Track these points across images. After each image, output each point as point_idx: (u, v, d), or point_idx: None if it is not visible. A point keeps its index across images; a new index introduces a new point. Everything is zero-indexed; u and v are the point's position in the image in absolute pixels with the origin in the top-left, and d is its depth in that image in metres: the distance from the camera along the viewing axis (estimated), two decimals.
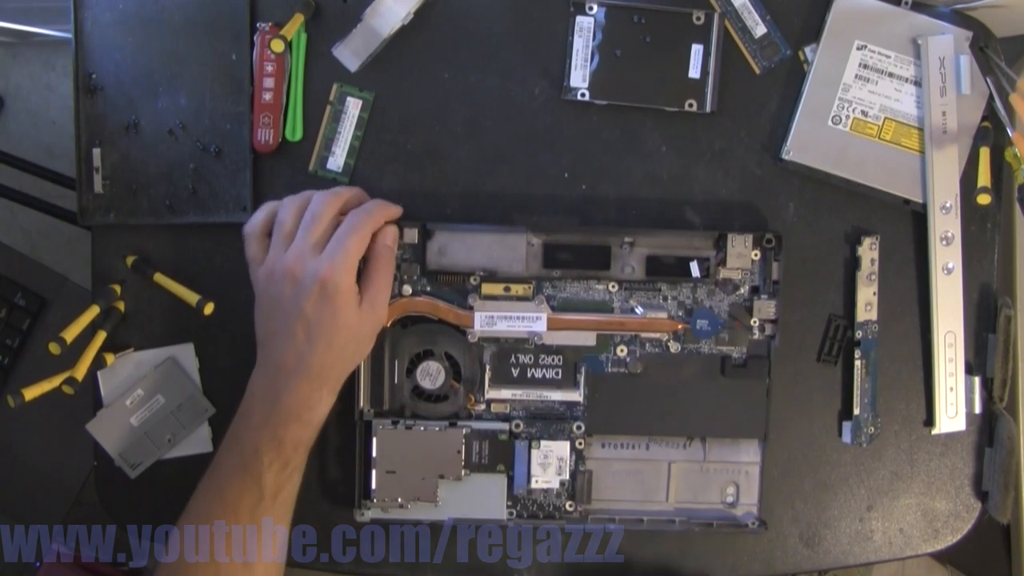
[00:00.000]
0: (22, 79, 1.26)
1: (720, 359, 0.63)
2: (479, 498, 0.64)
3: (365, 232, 0.58)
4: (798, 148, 0.64)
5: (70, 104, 0.64)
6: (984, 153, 0.63)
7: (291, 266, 0.56)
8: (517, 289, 0.63)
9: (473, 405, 0.64)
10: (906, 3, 0.63)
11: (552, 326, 0.63)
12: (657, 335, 0.63)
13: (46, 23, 1.07)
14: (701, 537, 0.65)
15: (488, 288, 0.63)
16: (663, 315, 0.63)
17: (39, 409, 0.62)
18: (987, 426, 0.65)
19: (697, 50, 0.63)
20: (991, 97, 0.63)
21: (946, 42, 0.62)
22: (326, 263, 0.56)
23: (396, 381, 0.63)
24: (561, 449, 0.63)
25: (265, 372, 0.58)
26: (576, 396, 0.64)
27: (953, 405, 0.65)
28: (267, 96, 0.63)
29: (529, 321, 0.63)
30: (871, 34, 0.63)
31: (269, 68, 0.63)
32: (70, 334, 0.61)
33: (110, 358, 0.64)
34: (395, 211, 0.61)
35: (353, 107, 0.64)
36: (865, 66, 0.63)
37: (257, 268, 0.59)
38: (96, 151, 0.64)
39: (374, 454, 0.62)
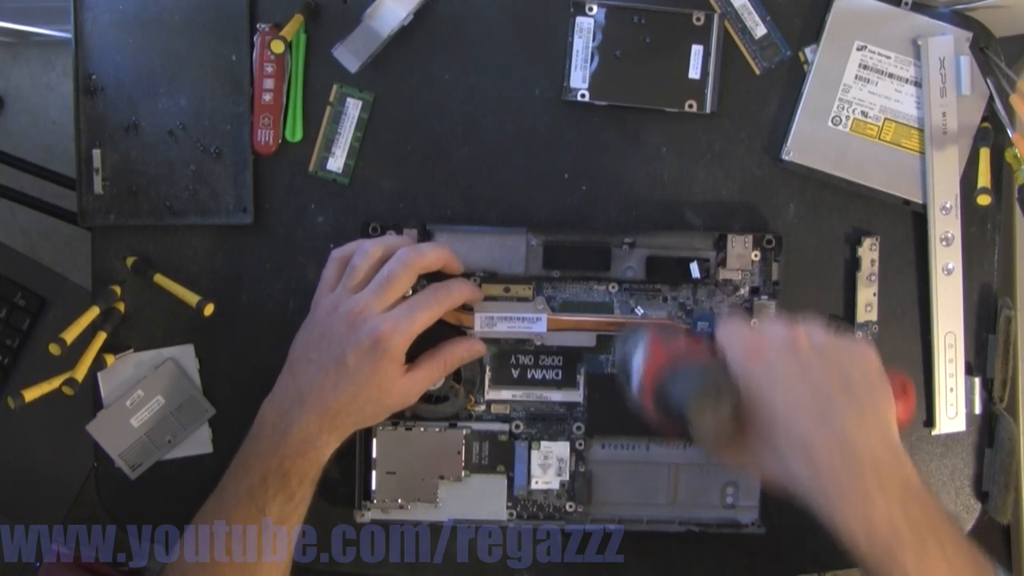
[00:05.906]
0: (22, 79, 1.25)
1: None
2: (479, 499, 0.64)
3: (438, 311, 0.58)
4: (798, 149, 0.64)
5: (70, 104, 0.64)
6: (984, 154, 0.63)
7: (356, 311, 0.56)
8: (517, 290, 0.63)
9: (473, 406, 0.64)
10: (906, 4, 0.63)
11: (552, 327, 0.63)
12: None
13: (46, 23, 1.07)
14: (701, 538, 0.64)
15: (488, 289, 0.63)
16: (663, 316, 0.63)
17: (39, 409, 0.62)
18: (987, 427, 0.65)
19: (697, 51, 0.63)
20: (991, 98, 0.63)
21: (946, 43, 0.62)
22: (388, 324, 0.56)
23: None
24: (561, 450, 0.63)
25: (281, 399, 0.57)
26: (576, 397, 0.64)
27: (953, 406, 0.65)
28: (267, 97, 0.63)
29: (529, 322, 0.63)
30: (871, 35, 0.63)
31: (269, 69, 0.63)
32: (70, 335, 0.61)
33: (110, 359, 0.64)
34: (478, 295, 0.62)
35: (353, 108, 0.64)
36: (865, 67, 0.63)
37: (325, 293, 0.59)
38: (96, 152, 0.64)
39: (374, 455, 0.62)
